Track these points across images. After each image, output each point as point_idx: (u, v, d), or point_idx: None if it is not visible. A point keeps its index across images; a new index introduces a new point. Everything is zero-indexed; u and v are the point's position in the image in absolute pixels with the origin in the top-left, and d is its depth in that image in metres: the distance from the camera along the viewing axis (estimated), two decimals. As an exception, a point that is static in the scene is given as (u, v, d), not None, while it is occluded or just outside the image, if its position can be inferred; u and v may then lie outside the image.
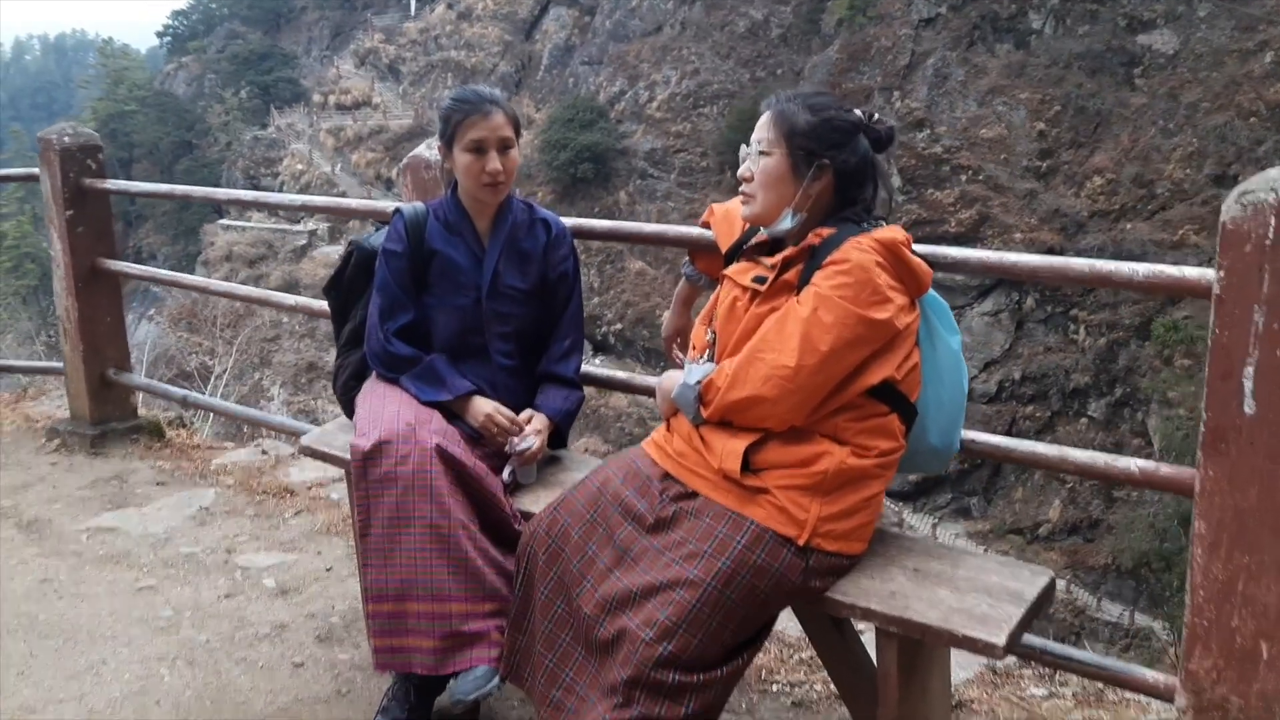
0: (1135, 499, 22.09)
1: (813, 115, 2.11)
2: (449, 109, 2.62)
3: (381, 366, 2.63)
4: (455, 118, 2.59)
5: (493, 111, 2.57)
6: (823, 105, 2.13)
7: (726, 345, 2.13)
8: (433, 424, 2.43)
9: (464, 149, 2.58)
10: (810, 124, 2.10)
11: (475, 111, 2.57)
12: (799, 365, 1.94)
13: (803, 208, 2.11)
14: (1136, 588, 21.81)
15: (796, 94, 2.18)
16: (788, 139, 2.12)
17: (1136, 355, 23.76)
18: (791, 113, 2.12)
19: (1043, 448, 2.34)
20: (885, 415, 2.04)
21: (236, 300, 4.40)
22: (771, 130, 2.15)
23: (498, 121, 2.58)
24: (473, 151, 2.57)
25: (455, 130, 2.59)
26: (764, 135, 2.16)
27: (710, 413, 2.08)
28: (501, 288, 2.65)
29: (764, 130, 2.16)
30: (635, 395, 29.13)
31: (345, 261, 2.86)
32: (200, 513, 3.80)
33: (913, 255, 2.05)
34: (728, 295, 2.18)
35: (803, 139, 2.10)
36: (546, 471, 2.68)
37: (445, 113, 2.63)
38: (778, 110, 2.15)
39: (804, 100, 2.15)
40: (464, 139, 2.57)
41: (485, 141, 2.56)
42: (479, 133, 2.56)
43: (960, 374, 2.19)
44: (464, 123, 2.57)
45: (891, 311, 1.97)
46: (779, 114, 2.14)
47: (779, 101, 2.18)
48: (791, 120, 2.12)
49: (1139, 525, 20.46)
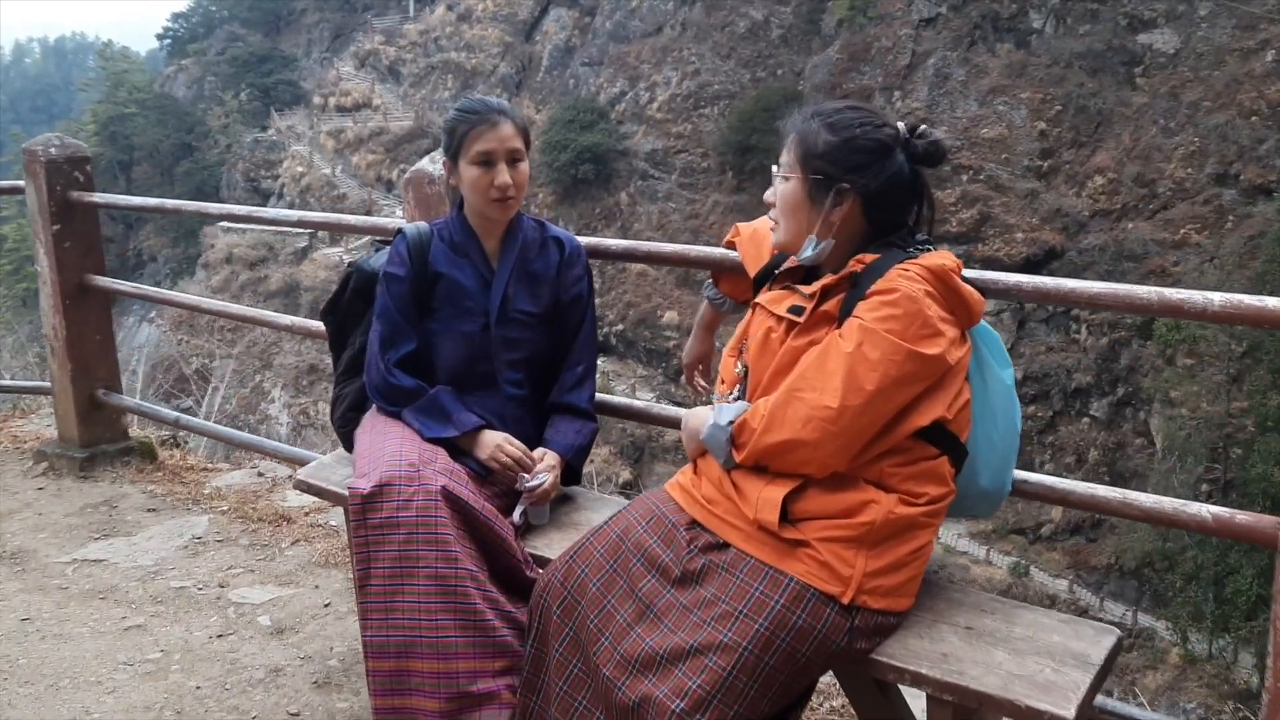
0: (1139, 500, 21.87)
1: (833, 135, 1.93)
2: (454, 120, 2.46)
3: (382, 400, 2.46)
4: (461, 129, 2.43)
5: (501, 122, 2.41)
6: (847, 123, 1.94)
7: (760, 381, 1.95)
8: (437, 463, 2.25)
9: (471, 162, 2.41)
10: (829, 146, 1.93)
11: (482, 122, 2.41)
12: (843, 406, 1.77)
13: (827, 235, 1.95)
14: (1139, 588, 21.76)
15: (821, 110, 1.99)
16: (804, 163, 1.96)
17: (1139, 355, 23.66)
18: (811, 133, 1.96)
19: (1104, 491, 2.14)
20: (935, 458, 1.87)
21: (231, 319, 4.18)
22: (790, 153, 2.00)
23: (506, 132, 2.42)
24: (480, 165, 2.41)
25: (461, 142, 2.43)
26: (785, 158, 2.01)
27: (744, 457, 1.90)
28: (511, 312, 2.48)
29: (785, 152, 2.02)
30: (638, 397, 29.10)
31: (343, 284, 2.69)
32: (192, 542, 3.62)
33: (964, 283, 1.88)
34: (760, 326, 1.99)
35: (820, 162, 1.94)
36: (560, 511, 2.50)
37: (450, 124, 2.46)
38: (798, 131, 1.99)
39: (826, 118, 1.96)
40: (470, 151, 2.41)
41: (493, 154, 2.40)
42: (487, 144, 2.40)
43: (1013, 410, 2.01)
44: (470, 134, 2.41)
45: (943, 345, 1.80)
46: (798, 135, 1.98)
47: (801, 120, 2.01)
48: (810, 142, 1.95)
49: (1142, 525, 20.29)
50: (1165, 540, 19.76)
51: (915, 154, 1.95)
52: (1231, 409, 19.97)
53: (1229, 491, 19.54)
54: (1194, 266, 23.05)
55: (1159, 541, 19.95)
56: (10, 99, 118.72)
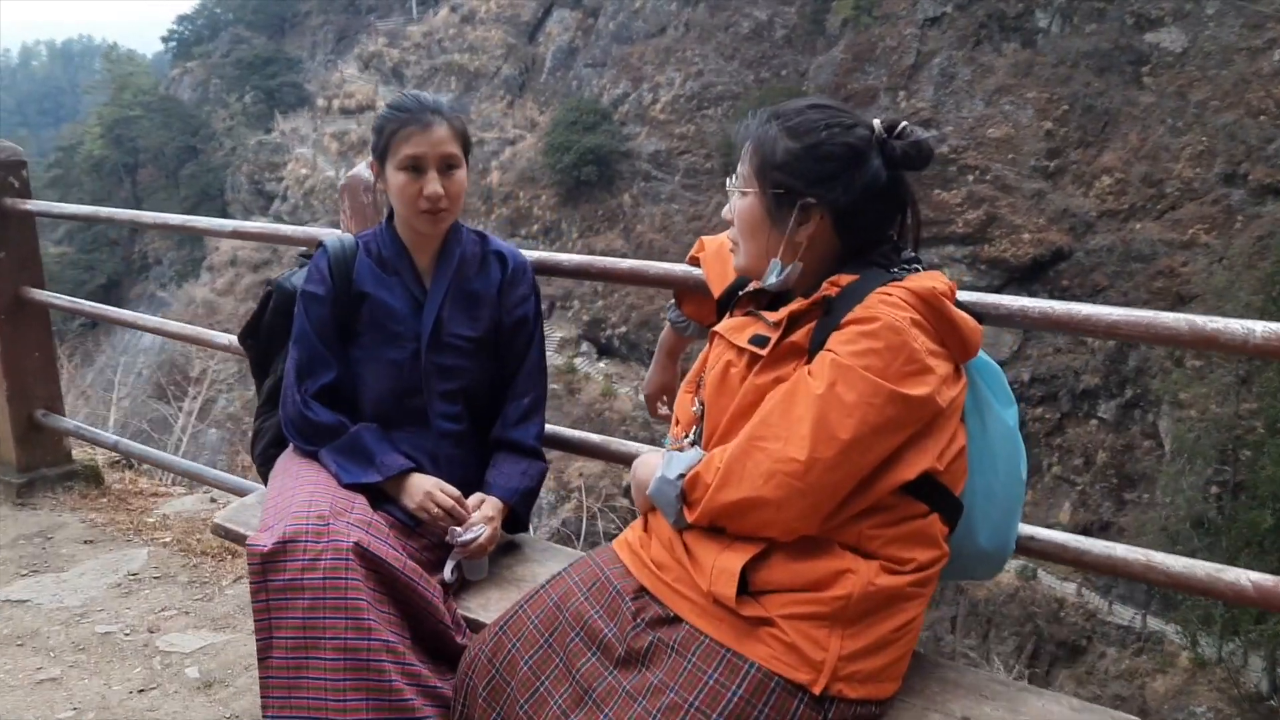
0: (1146, 502, 21.79)
1: (794, 141, 1.64)
2: (383, 118, 2.18)
3: (297, 437, 2.17)
4: (389, 129, 2.15)
5: (434, 123, 2.13)
6: (809, 127, 1.64)
7: (718, 424, 1.67)
8: (353, 513, 1.96)
9: (398, 167, 2.14)
10: (790, 154, 1.64)
11: (412, 122, 2.12)
12: (811, 459, 1.48)
13: (792, 258, 1.66)
14: (1148, 591, 21.50)
15: (780, 112, 1.69)
16: (761, 175, 1.66)
17: (1147, 356, 23.44)
18: (768, 140, 1.66)
19: (1123, 550, 1.85)
20: (924, 516, 1.57)
21: (169, 337, 3.96)
22: (746, 164, 1.70)
23: (439, 135, 2.13)
24: (408, 170, 2.13)
25: (389, 144, 2.15)
26: (740, 169, 1.72)
27: (696, 516, 1.61)
28: (446, 337, 2.20)
29: (741, 163, 1.72)
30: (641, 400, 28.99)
31: (263, 304, 2.42)
32: (126, 580, 3.35)
33: (958, 309, 1.58)
34: (719, 358, 1.70)
35: (780, 174, 1.64)
36: (501, 564, 2.21)
37: (379, 122, 2.18)
38: (753, 138, 1.69)
39: (785, 121, 1.66)
40: (398, 155, 2.13)
41: (423, 159, 2.13)
42: (416, 148, 2.12)
43: (1017, 456, 1.70)
44: (398, 135, 2.13)
45: (932, 384, 1.51)
46: (754, 143, 1.69)
47: (757, 124, 1.70)
48: (767, 151, 1.66)
49: (1151, 528, 20.14)
50: (1174, 543, 19.54)
51: (894, 157, 1.64)
52: (1241, 410, 19.71)
53: (1238, 493, 19.30)
54: (1202, 267, 22.83)
55: (1168, 544, 19.72)
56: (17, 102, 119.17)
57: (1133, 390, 23.76)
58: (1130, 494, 22.56)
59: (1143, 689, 19.11)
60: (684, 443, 1.75)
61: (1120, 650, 20.75)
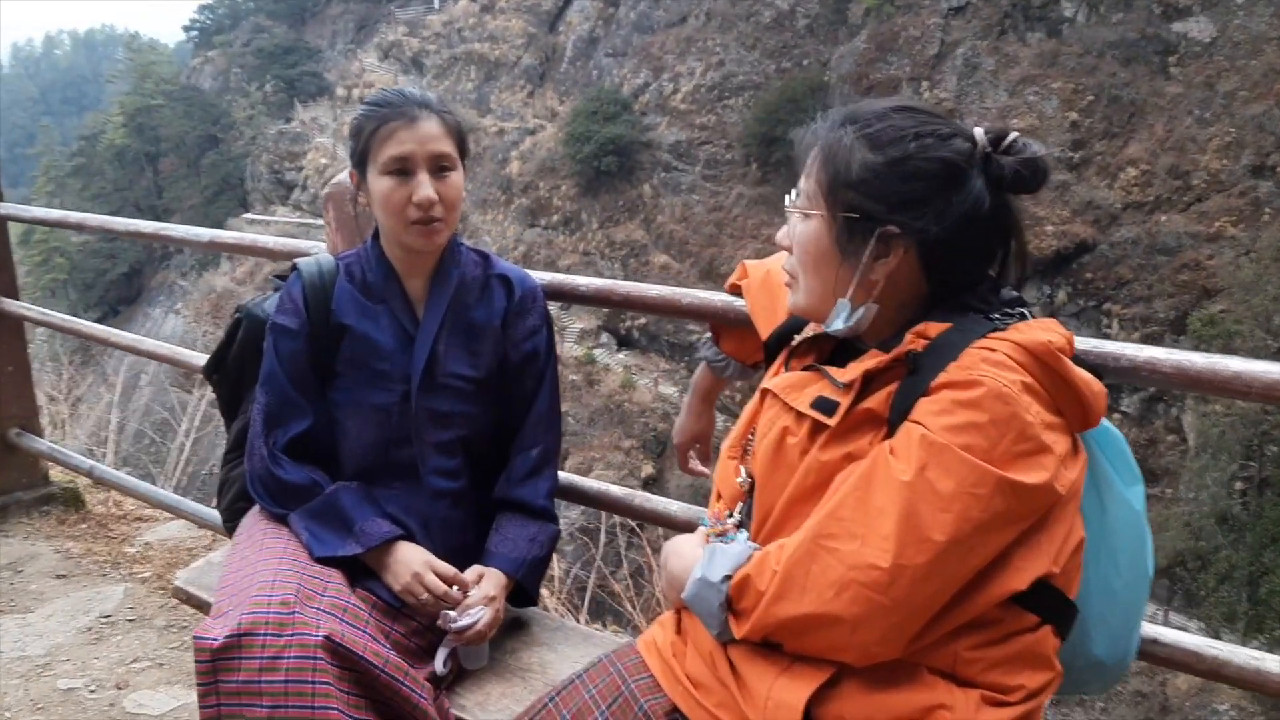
0: (1170, 497, 21.61)
1: (874, 154, 1.32)
2: (361, 117, 1.85)
3: (265, 497, 1.85)
4: (368, 128, 1.82)
5: (421, 118, 1.80)
6: (894, 136, 1.32)
7: (771, 507, 1.35)
8: (325, 596, 1.64)
9: (382, 171, 1.80)
10: (868, 169, 1.31)
11: (396, 117, 1.79)
12: (897, 566, 1.18)
13: (865, 299, 1.35)
14: (1170, 587, 21.35)
15: (857, 114, 1.36)
16: (831, 194, 1.34)
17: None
18: (841, 150, 1.34)
19: (1276, 662, 1.59)
20: (1034, 630, 1.27)
21: (139, 355, 3.66)
22: (811, 177, 1.37)
23: (429, 131, 1.80)
24: (394, 174, 1.79)
25: (369, 145, 1.82)
26: (803, 184, 1.39)
27: (747, 631, 1.29)
28: (441, 378, 1.87)
29: (804, 176, 1.39)
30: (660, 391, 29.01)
31: (230, 334, 2.10)
32: (98, 624, 3.03)
33: (1078, 368, 1.27)
34: (773, 424, 1.38)
35: (854, 194, 1.32)
36: (504, 648, 1.89)
37: (357, 123, 1.85)
38: (823, 144, 1.36)
39: (864, 127, 1.34)
40: (381, 157, 1.80)
41: (410, 159, 1.79)
42: (401, 147, 1.78)
43: (1143, 547, 1.40)
44: (380, 134, 1.80)
45: (1050, 467, 1.20)
46: (824, 151, 1.36)
47: (828, 128, 1.37)
48: (840, 163, 1.33)
49: (1174, 523, 19.96)
50: (1198, 539, 19.42)
51: (1000, 177, 1.33)
52: (1267, 405, 19.53)
53: (1264, 489, 19.14)
54: (1229, 260, 22.61)
55: (1192, 540, 19.60)
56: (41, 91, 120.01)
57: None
58: (1153, 489, 22.39)
59: (1164, 686, 18.99)
60: (727, 523, 1.45)
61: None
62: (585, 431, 28.51)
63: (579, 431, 28.55)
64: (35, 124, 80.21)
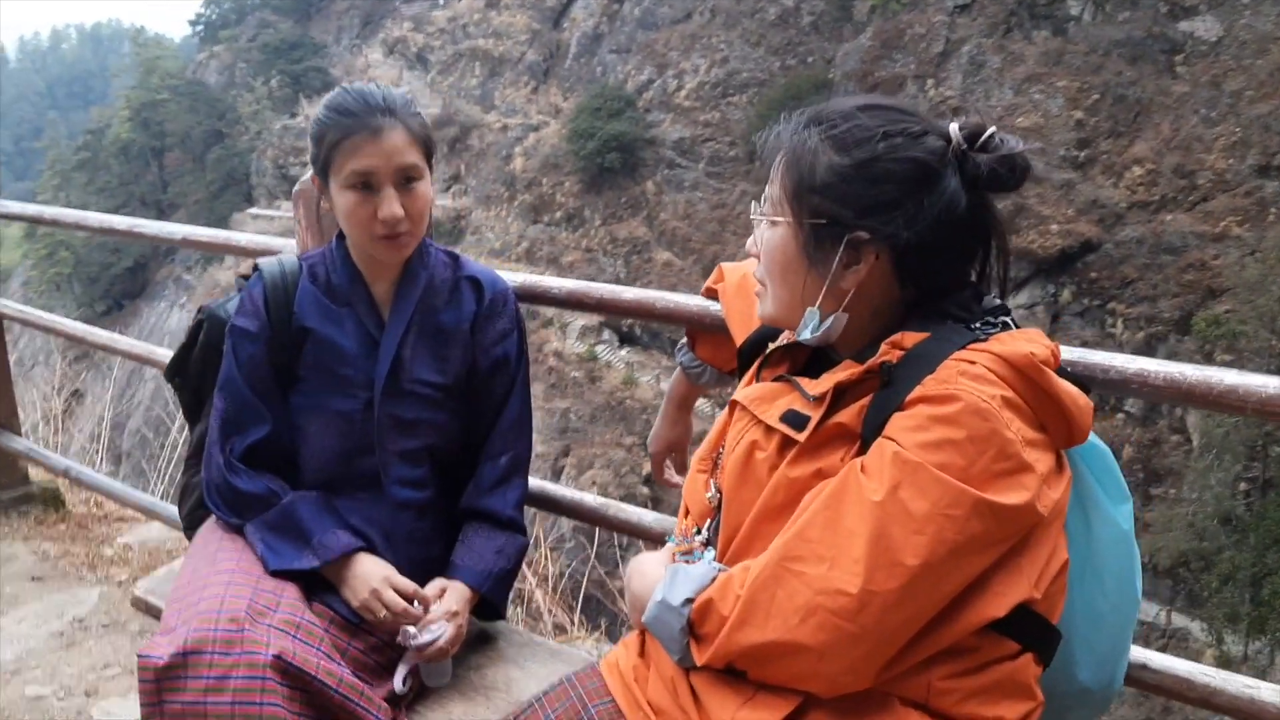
0: (1173, 497, 21.57)
1: (840, 156, 1.25)
2: (321, 123, 1.76)
3: (222, 507, 1.79)
4: (330, 137, 1.74)
5: (386, 129, 1.71)
6: (861, 135, 1.25)
7: (738, 524, 1.29)
8: (278, 612, 1.58)
9: (345, 185, 1.74)
10: (834, 172, 1.25)
11: (359, 129, 1.71)
12: (867, 592, 1.11)
13: (835, 307, 1.28)
14: (1174, 587, 21.34)
15: (822, 114, 1.29)
16: (797, 199, 1.27)
17: (1176, 350, 23.15)
18: (806, 152, 1.27)
19: (1271, 691, 1.53)
20: (1014, 658, 1.20)
21: (115, 354, 3.61)
22: (776, 183, 1.31)
23: (395, 143, 1.72)
24: (357, 189, 1.73)
25: (331, 156, 1.74)
26: (769, 190, 1.33)
27: (709, 657, 1.22)
28: (406, 383, 1.82)
29: (771, 182, 1.33)
30: (662, 389, 29.02)
31: (192, 336, 2.05)
32: (71, 627, 2.97)
33: (1063, 381, 1.20)
34: (741, 436, 1.32)
35: (820, 199, 1.25)
36: (468, 663, 1.82)
37: (318, 128, 1.76)
38: (788, 148, 1.30)
39: (830, 128, 1.27)
40: (344, 171, 1.73)
41: (375, 174, 1.72)
42: (365, 161, 1.71)
43: (1131, 569, 1.33)
44: (342, 147, 1.72)
45: (1031, 487, 1.13)
46: (789, 155, 1.29)
47: (792, 130, 1.30)
48: (804, 167, 1.27)
49: (1178, 524, 19.94)
50: (1201, 540, 19.38)
51: (977, 176, 1.25)
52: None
53: (1268, 490, 19.08)
54: (1234, 260, 22.53)
55: (1195, 541, 19.56)
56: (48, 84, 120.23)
57: (1161, 384, 23.54)
58: (1157, 489, 22.34)
59: (1166, 685, 18.97)
60: (695, 541, 1.39)
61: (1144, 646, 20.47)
62: (587, 429, 28.50)
63: (581, 429, 28.54)
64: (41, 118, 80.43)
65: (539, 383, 30.08)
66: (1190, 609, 20.42)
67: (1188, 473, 21.18)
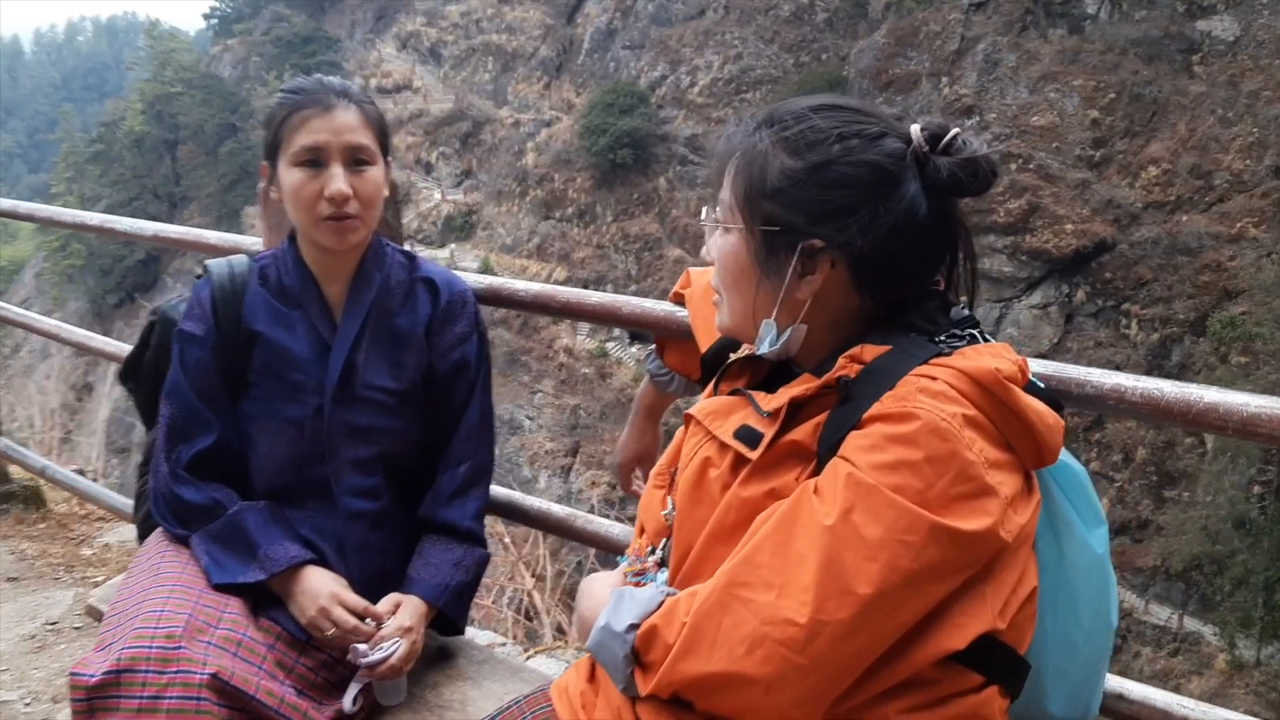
0: (1186, 500, 21.48)
1: (793, 160, 1.18)
2: (275, 105, 1.72)
3: (168, 517, 1.72)
4: (280, 115, 1.69)
5: (337, 105, 1.67)
6: (815, 138, 1.18)
7: (690, 545, 1.21)
8: (217, 629, 1.51)
9: (292, 162, 1.67)
10: (787, 177, 1.18)
11: (310, 105, 1.66)
12: (816, 622, 1.04)
13: (793, 319, 1.22)
14: (1186, 591, 21.28)
15: (775, 115, 1.23)
16: (747, 205, 1.21)
17: (1191, 352, 23.05)
18: (758, 155, 1.21)
19: None
20: (977, 691, 1.12)
21: (67, 345, 3.56)
22: (728, 188, 1.25)
23: (345, 120, 1.67)
24: (305, 165, 1.66)
25: (280, 134, 1.69)
26: (722, 195, 1.26)
27: (654, 686, 1.15)
28: (360, 389, 1.74)
29: (723, 187, 1.26)
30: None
31: (144, 337, 2.01)
32: (43, 631, 2.89)
33: (1030, 398, 1.13)
34: (694, 453, 1.25)
35: (771, 205, 1.19)
36: (424, 681, 1.75)
37: (270, 111, 1.72)
38: (740, 151, 1.24)
39: (782, 129, 1.20)
40: (292, 146, 1.67)
41: (323, 149, 1.66)
42: (313, 136, 1.65)
43: (1106, 595, 1.26)
44: (290, 121, 1.67)
45: (994, 512, 1.06)
46: (741, 159, 1.23)
47: (743, 132, 1.24)
48: (755, 171, 1.21)
49: (1190, 527, 19.85)
50: (1214, 543, 19.28)
51: (938, 182, 1.18)
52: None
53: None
54: (1250, 261, 22.40)
55: (1208, 544, 19.47)
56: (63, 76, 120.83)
57: (1174, 386, 23.45)
58: (1170, 491, 22.24)
59: (1178, 690, 18.83)
60: (648, 561, 1.32)
61: (1155, 650, 20.52)
62: (597, 425, 28.49)
63: (590, 425, 28.53)
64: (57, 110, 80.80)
65: (549, 379, 30.07)
66: (1203, 613, 20.35)
67: (1201, 476, 21.09)
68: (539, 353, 30.55)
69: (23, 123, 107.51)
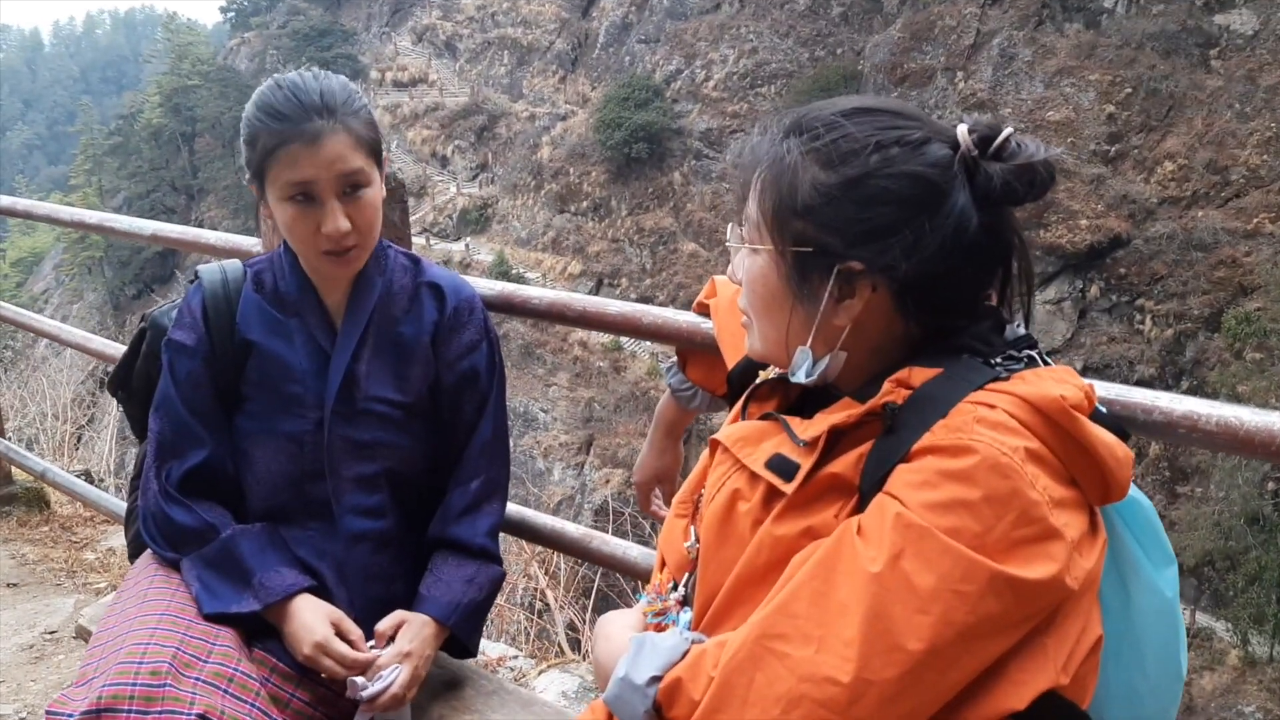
0: (1200, 496, 21.41)
1: (826, 173, 1.05)
2: (252, 125, 1.55)
3: (157, 539, 1.60)
4: (262, 142, 1.53)
5: (325, 135, 1.50)
6: (849, 148, 1.05)
7: (716, 586, 1.10)
8: (206, 663, 1.41)
9: (282, 197, 1.53)
10: (820, 192, 1.05)
11: (295, 137, 1.50)
12: (861, 681, 0.92)
13: (830, 346, 1.10)
14: (1198, 587, 21.19)
15: (804, 121, 1.09)
16: (777, 225, 1.08)
17: (1205, 347, 22.95)
18: (787, 168, 1.07)
19: None
20: None
21: (62, 344, 3.41)
22: (754, 203, 1.11)
23: (335, 150, 1.51)
24: (296, 201, 1.53)
25: (265, 164, 1.53)
26: (749, 212, 1.13)
27: None
28: (362, 402, 1.63)
29: (749, 201, 1.13)
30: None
31: (134, 345, 1.89)
32: (41, 640, 2.78)
33: (1098, 428, 1.00)
34: (721, 484, 1.12)
35: (803, 225, 1.06)
36: (431, 712, 1.65)
37: (249, 129, 1.55)
38: (767, 163, 1.10)
39: (813, 138, 1.07)
40: (279, 181, 1.52)
41: (314, 185, 1.52)
42: (302, 172, 1.51)
43: (1175, 642, 1.12)
44: (276, 156, 1.51)
45: (1059, 558, 0.94)
46: (769, 171, 1.09)
47: (770, 141, 1.11)
48: (785, 185, 1.07)
49: (1203, 523, 19.78)
50: (1227, 539, 19.22)
51: (991, 192, 1.04)
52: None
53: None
54: (1266, 257, 22.28)
55: (1221, 540, 19.40)
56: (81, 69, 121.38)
57: (1189, 381, 23.30)
58: (1183, 487, 22.16)
59: (1190, 686, 18.85)
60: (670, 599, 1.20)
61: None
62: (611, 418, 28.58)
63: (604, 418, 28.61)
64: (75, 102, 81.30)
65: (564, 372, 30.15)
66: (1215, 609, 20.28)
67: (1215, 471, 21.01)
68: (553, 345, 30.65)
69: (42, 115, 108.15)
